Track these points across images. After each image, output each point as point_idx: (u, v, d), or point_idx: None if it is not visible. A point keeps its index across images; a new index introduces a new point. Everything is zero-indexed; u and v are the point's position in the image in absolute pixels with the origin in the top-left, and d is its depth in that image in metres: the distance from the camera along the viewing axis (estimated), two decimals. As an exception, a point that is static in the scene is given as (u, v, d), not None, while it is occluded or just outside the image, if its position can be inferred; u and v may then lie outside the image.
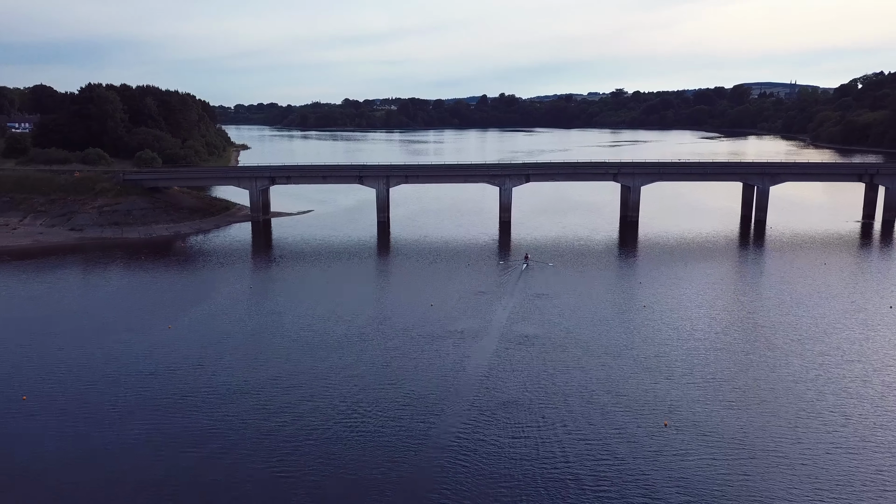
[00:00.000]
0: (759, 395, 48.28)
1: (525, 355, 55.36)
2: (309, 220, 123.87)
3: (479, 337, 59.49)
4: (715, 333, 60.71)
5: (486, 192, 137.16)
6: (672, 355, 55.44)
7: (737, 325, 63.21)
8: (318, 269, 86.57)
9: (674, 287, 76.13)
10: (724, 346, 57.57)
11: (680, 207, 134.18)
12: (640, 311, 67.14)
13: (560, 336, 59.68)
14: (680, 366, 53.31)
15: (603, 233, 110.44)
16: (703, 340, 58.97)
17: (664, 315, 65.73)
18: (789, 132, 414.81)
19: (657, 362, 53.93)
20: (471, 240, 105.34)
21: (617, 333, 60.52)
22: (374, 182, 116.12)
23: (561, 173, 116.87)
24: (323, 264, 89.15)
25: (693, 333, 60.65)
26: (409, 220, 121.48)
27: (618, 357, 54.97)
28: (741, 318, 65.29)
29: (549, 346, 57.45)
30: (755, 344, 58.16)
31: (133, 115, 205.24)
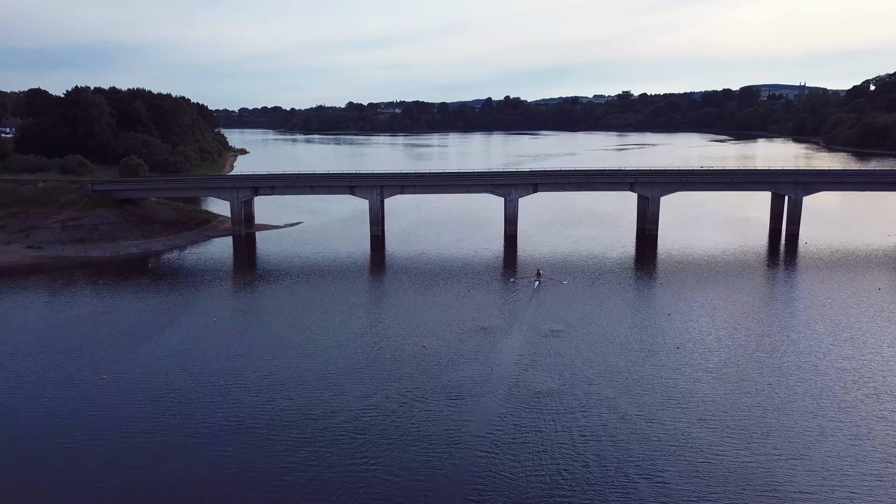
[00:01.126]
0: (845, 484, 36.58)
1: (539, 423, 43.66)
2: (296, 233, 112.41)
3: (480, 395, 47.79)
4: (774, 390, 48.92)
5: (489, 203, 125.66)
6: (728, 436, 43.69)
7: (796, 372, 51.39)
8: (298, 294, 75.05)
9: (707, 319, 64.30)
10: (795, 411, 45.80)
11: (701, 218, 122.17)
12: (672, 355, 55.38)
13: (582, 393, 47.91)
14: (755, 467, 41.57)
15: (619, 249, 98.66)
16: (763, 408, 47.19)
17: (702, 359, 53.96)
18: (800, 135, 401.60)
19: (711, 446, 42.20)
20: (473, 256, 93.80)
21: (648, 386, 48.76)
22: (367, 193, 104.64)
23: (572, 182, 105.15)
24: (305, 288, 77.65)
25: (743, 389, 48.88)
26: (405, 234, 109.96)
27: (655, 424, 43.26)
28: (799, 362, 53.44)
29: (569, 407, 45.75)
30: (822, 401, 46.36)
31: (121, 120, 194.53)
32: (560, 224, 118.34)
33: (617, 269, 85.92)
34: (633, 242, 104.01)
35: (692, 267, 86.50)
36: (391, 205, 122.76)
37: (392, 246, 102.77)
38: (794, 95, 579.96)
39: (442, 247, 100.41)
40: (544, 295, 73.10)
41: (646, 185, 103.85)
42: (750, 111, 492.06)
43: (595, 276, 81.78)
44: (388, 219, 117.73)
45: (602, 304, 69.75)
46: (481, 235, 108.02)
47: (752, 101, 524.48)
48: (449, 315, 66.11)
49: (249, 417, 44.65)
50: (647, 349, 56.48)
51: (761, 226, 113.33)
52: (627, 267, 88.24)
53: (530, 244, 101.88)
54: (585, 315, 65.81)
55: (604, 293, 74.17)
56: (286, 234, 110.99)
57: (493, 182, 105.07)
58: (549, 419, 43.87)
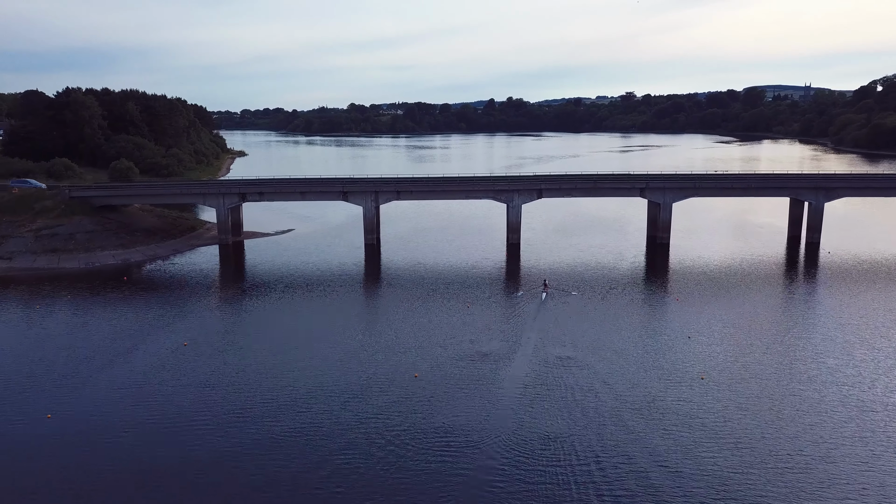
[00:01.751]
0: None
1: (548, 477, 36.97)
2: (287, 241, 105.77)
3: (477, 442, 41.08)
4: (818, 431, 42.14)
5: (491, 208, 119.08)
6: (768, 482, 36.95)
7: (840, 409, 44.60)
8: (282, 312, 68.44)
9: (731, 342, 57.49)
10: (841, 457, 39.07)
11: (714, 225, 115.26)
12: (696, 386, 48.64)
13: (596, 439, 41.17)
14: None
15: (629, 258, 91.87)
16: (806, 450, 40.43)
17: (731, 393, 47.22)
18: (807, 136, 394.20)
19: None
20: (473, 267, 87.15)
21: (672, 428, 42.02)
22: (361, 199, 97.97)
23: (579, 188, 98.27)
24: (290, 305, 71.03)
25: (782, 431, 42.11)
26: (402, 242, 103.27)
27: (685, 477, 36.55)
28: (841, 396, 46.63)
29: (580, 454, 39.05)
30: (876, 446, 39.58)
31: (113, 122, 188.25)
32: (565, 231, 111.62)
33: (628, 282, 79.17)
34: (643, 251, 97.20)
35: (708, 279, 79.70)
36: (387, 211, 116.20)
37: (388, 255, 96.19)
38: (798, 96, 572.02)
39: (440, 256, 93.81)
40: (551, 312, 66.37)
41: (657, 190, 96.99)
42: (755, 112, 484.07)
43: (605, 290, 75.03)
44: (384, 226, 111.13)
45: (614, 325, 62.96)
46: (482, 244, 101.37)
47: (758, 102, 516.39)
48: (445, 336, 59.45)
49: (206, 461, 38.04)
50: (668, 379, 49.71)
51: (778, 233, 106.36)
52: (639, 279, 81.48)
53: (534, 253, 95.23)
54: (596, 338, 59.04)
55: (615, 311, 67.39)
56: (276, 243, 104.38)
57: (494, 188, 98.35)
58: (560, 472, 37.17)
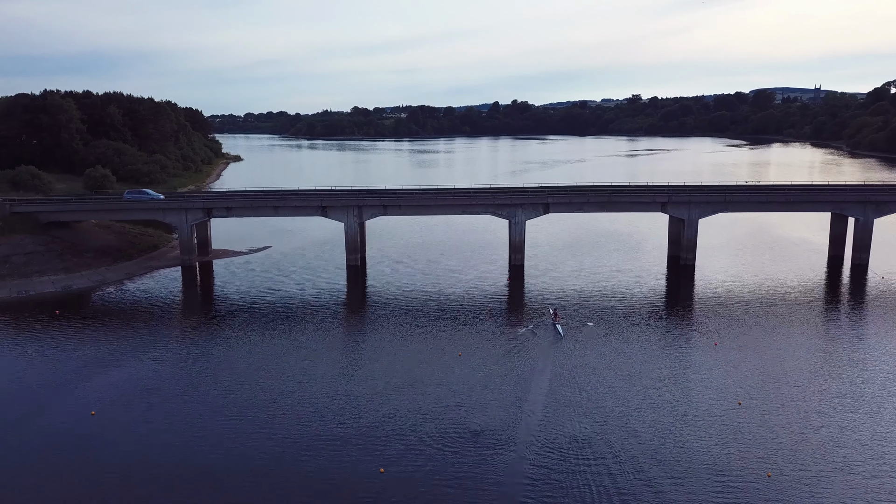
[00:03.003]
0: None
1: None
2: (261, 261, 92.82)
3: None
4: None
5: (492, 221, 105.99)
6: None
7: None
8: (238, 358, 55.44)
9: (793, 409, 44.23)
10: None
11: (741, 242, 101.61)
12: (763, 486, 35.43)
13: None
14: None
15: (649, 283, 78.64)
16: None
17: (810, 496, 34.06)
18: (819, 139, 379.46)
19: None
20: (470, 293, 74.19)
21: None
22: (342, 214, 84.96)
23: (591, 202, 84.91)
24: (251, 346, 58.03)
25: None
26: (390, 262, 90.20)
27: None
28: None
29: None
30: None
31: (93, 126, 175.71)
32: (574, 248, 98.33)
33: (651, 314, 65.92)
34: (664, 274, 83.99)
35: (744, 311, 66.33)
36: (375, 225, 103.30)
37: (373, 279, 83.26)
38: (808, 98, 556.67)
39: (433, 280, 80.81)
40: (562, 357, 53.21)
41: (681, 205, 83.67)
42: (765, 115, 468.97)
43: (624, 326, 61.81)
44: (372, 241, 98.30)
45: (641, 382, 49.69)
46: (481, 265, 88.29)
47: (767, 104, 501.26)
48: (428, 402, 46.36)
49: None
50: (726, 476, 36.47)
51: (817, 252, 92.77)
52: (663, 310, 68.13)
53: (540, 276, 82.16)
54: (621, 404, 45.81)
55: (640, 358, 54.14)
56: (248, 263, 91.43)
57: (494, 202, 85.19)
58: None
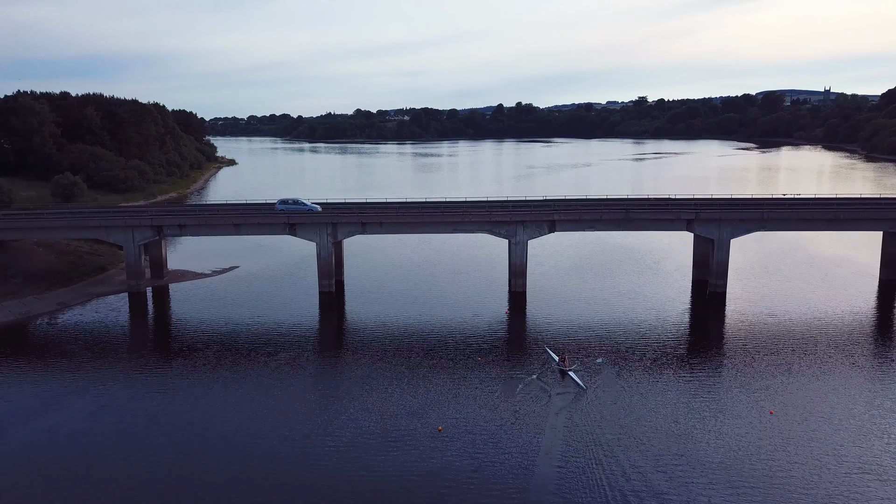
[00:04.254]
0: None
1: None
2: (225, 284, 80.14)
3: None
4: None
5: (490, 237, 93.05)
6: None
7: None
8: (184, 409, 42.78)
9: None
10: None
11: (776, 263, 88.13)
12: None
13: None
14: None
15: (673, 316, 65.67)
16: None
17: None
18: (832, 142, 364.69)
19: None
20: (463, 328, 61.52)
21: None
22: (314, 233, 72.17)
23: (605, 219, 71.77)
24: (200, 394, 45.33)
25: None
26: (371, 287, 77.37)
27: None
28: None
29: None
30: None
31: (69, 130, 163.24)
32: (583, 269, 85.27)
33: (679, 360, 52.98)
34: (689, 302, 71.01)
35: (794, 354, 53.34)
36: (355, 242, 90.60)
37: (350, 308, 70.78)
38: (817, 101, 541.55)
39: (420, 310, 68.04)
40: (574, 429, 40.32)
41: (710, 222, 70.53)
42: (774, 117, 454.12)
43: (647, 377, 48.89)
44: (351, 261, 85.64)
45: (679, 477, 36.78)
46: (477, 290, 75.44)
47: (776, 106, 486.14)
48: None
49: None
50: None
51: (866, 276, 79.33)
52: (694, 353, 55.10)
53: (545, 305, 69.36)
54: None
55: (673, 434, 41.22)
56: (210, 288, 78.75)
57: (491, 218, 72.23)
58: None
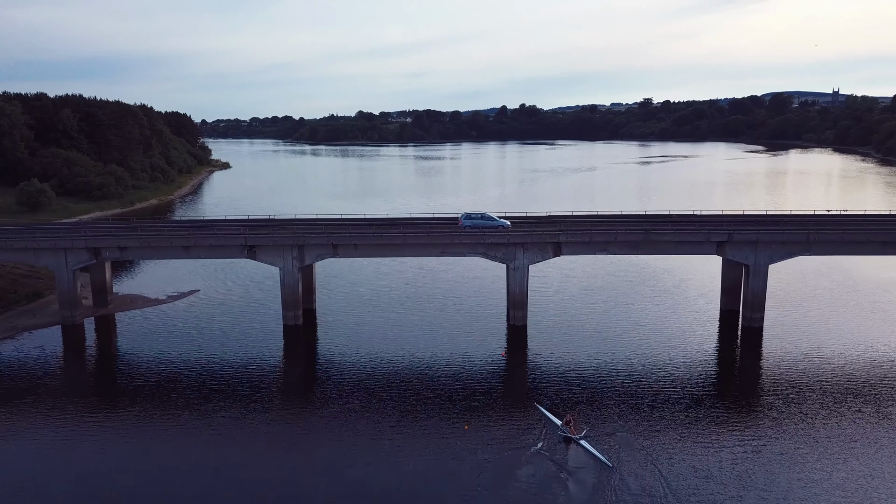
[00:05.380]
0: None
1: None
2: (180, 313, 68.71)
3: None
4: None
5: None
6: None
7: None
8: (115, 475, 31.55)
9: None
10: None
11: (815, 289, 76.14)
12: None
13: None
14: None
15: (701, 356, 54.17)
16: None
17: None
18: (843, 144, 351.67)
19: None
20: (453, 373, 50.28)
21: None
22: (276, 256, 60.75)
23: (619, 241, 60.19)
24: (137, 454, 34.08)
25: None
26: (346, 319, 65.81)
27: None
28: None
29: None
30: None
31: (44, 133, 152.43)
32: (591, 296, 73.56)
33: (718, 418, 41.41)
34: (718, 338, 59.48)
35: (856, 407, 41.75)
36: (325, 266, 79.18)
37: (321, 344, 59.54)
38: (825, 102, 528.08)
39: (400, 351, 56.58)
40: None
41: (745, 245, 58.81)
42: (782, 119, 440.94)
43: (679, 444, 37.35)
44: (325, 287, 74.32)
45: None
46: (470, 324, 63.87)
47: (784, 108, 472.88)
48: None
49: None
50: None
51: (924, 305, 67.87)
52: (732, 410, 43.50)
53: (548, 343, 57.89)
54: None
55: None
56: (162, 317, 67.35)
57: (485, 240, 60.61)
58: None
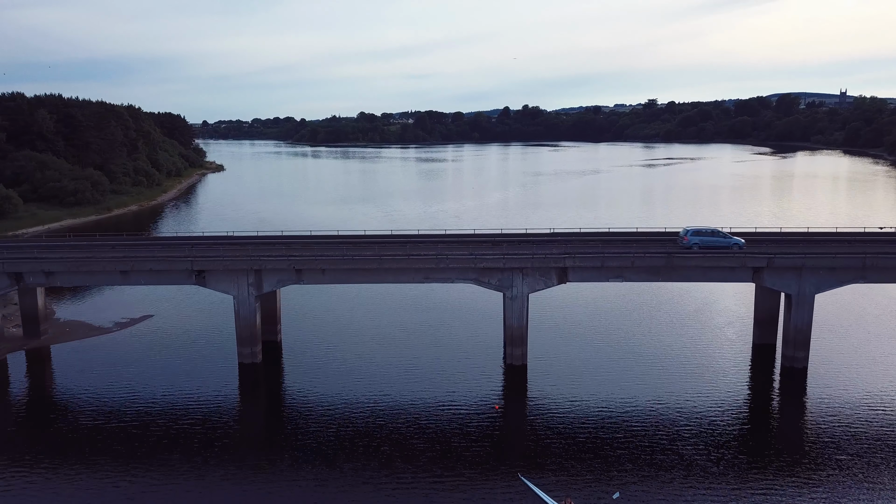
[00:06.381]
0: None
1: None
2: (127, 343, 58.81)
3: None
4: None
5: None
6: None
7: None
8: None
9: None
10: None
11: (861, 313, 65.93)
12: None
13: None
14: None
15: (734, 407, 44.19)
16: None
17: None
18: (853, 146, 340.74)
19: None
20: (438, 427, 40.33)
21: None
22: (229, 283, 50.90)
23: (637, 266, 50.09)
24: None
25: None
26: (314, 354, 55.85)
27: None
28: None
29: None
30: None
31: (17, 134, 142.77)
32: (600, 325, 63.23)
33: (754, 486, 31.57)
34: (750, 380, 49.49)
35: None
36: (296, 289, 69.17)
37: (287, 385, 49.73)
38: (833, 103, 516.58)
39: (378, 393, 46.76)
40: None
41: (788, 271, 48.70)
42: (790, 120, 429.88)
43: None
44: (292, 314, 64.50)
45: None
46: (461, 362, 53.82)
47: (792, 109, 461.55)
48: None
49: None
50: None
51: None
52: (778, 475, 33.65)
53: (553, 387, 47.98)
54: None
55: None
56: (106, 348, 57.51)
57: (476, 264, 50.58)
58: None
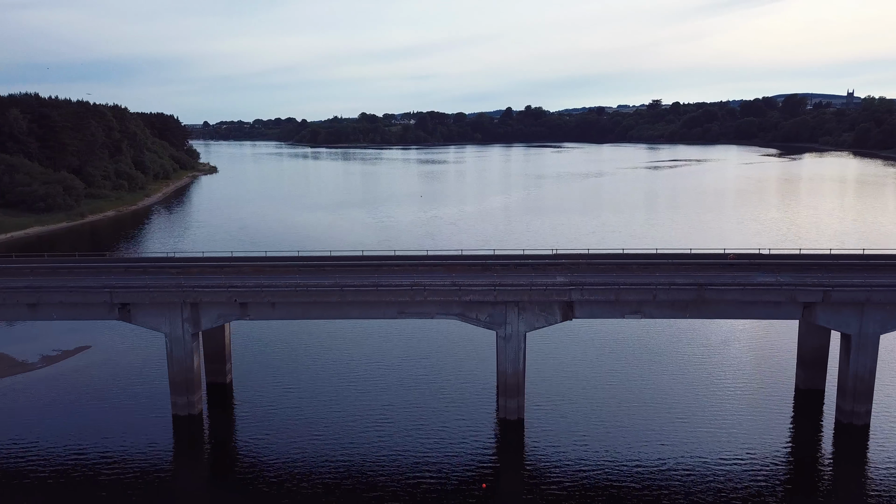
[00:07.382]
0: None
1: None
2: (56, 381, 49.46)
3: None
4: None
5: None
6: None
7: None
8: None
9: None
10: None
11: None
12: None
13: None
14: None
15: (775, 479, 34.69)
16: None
17: None
18: (863, 147, 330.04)
19: None
20: (411, 497, 30.97)
21: None
22: (159, 318, 41.38)
23: (660, 300, 40.37)
24: None
25: None
26: (270, 400, 46.35)
27: None
28: None
29: None
30: None
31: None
32: (610, 366, 53.42)
33: None
34: (793, 434, 39.93)
35: None
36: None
37: (237, 438, 40.23)
38: (839, 104, 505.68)
39: (343, 454, 37.38)
40: None
41: (847, 307, 39.07)
42: (797, 121, 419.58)
43: None
44: (245, 349, 55.00)
45: None
46: (445, 413, 44.36)
47: (799, 110, 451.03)
48: None
49: None
50: None
51: None
52: None
53: (553, 447, 38.53)
54: None
55: None
56: (31, 389, 48.22)
57: (462, 297, 40.91)
58: None
